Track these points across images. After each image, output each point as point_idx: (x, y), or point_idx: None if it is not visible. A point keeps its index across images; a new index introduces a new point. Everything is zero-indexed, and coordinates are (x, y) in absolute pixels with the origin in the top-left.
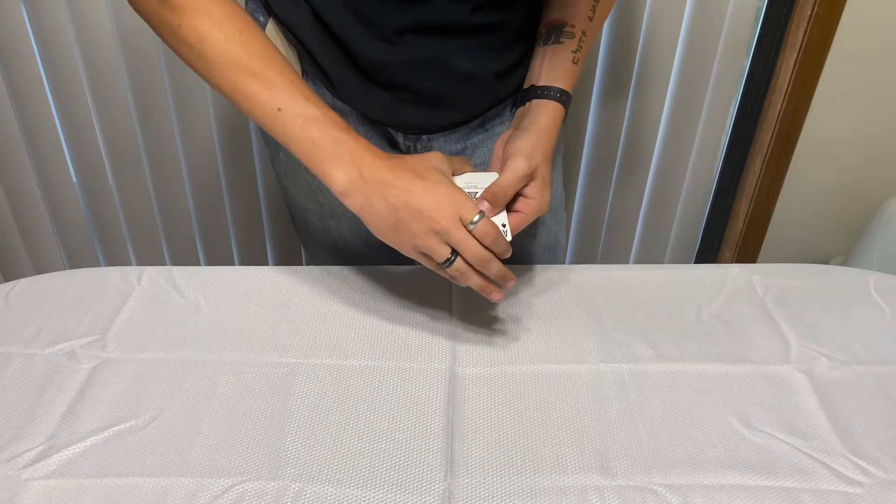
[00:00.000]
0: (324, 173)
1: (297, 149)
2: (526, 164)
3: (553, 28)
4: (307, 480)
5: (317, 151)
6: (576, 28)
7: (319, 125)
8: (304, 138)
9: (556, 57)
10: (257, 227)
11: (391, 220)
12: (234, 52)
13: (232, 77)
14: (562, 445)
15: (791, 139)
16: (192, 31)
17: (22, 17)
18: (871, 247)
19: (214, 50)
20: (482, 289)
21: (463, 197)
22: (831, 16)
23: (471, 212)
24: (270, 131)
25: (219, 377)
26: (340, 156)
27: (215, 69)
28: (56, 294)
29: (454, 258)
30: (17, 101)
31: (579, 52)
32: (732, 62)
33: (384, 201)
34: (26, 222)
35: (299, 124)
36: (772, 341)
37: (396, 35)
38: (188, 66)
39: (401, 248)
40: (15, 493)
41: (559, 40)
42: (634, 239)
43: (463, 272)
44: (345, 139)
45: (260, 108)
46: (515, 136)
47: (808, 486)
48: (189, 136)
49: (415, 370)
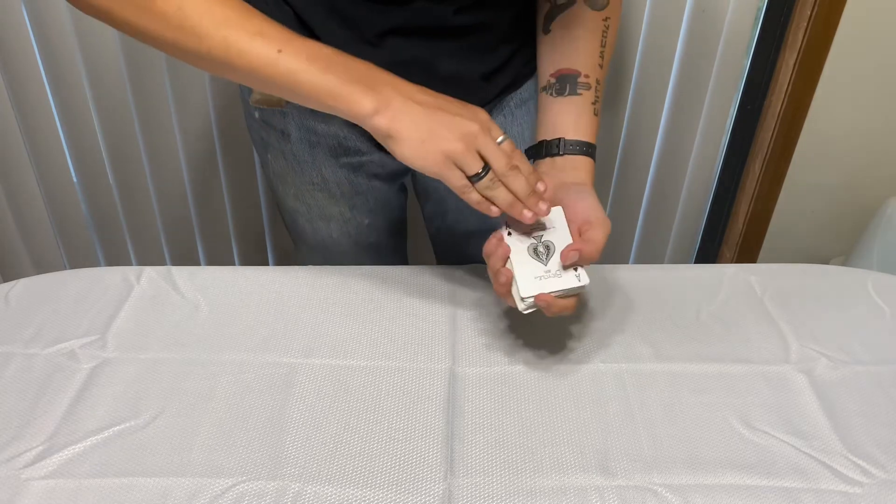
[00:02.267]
0: (345, 100)
1: (308, 84)
2: (610, 224)
3: (565, 78)
4: (307, 480)
5: (331, 80)
6: (590, 78)
7: (325, 55)
8: (313, 70)
9: (579, 110)
10: (257, 227)
11: (423, 126)
12: (218, 10)
13: (221, 34)
14: (562, 445)
15: (791, 139)
16: (168, 2)
17: (22, 17)
18: (871, 247)
19: (197, 13)
20: (511, 206)
21: (489, 116)
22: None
23: (497, 129)
24: (274, 78)
25: (219, 377)
26: (359, 78)
27: (201, 31)
28: (56, 294)
29: (484, 173)
30: (17, 101)
31: (597, 103)
32: (732, 62)
33: (416, 108)
34: (26, 222)
35: (304, 59)
36: (771, 341)
37: (379, 37)
38: (164, 49)
39: (430, 161)
40: (15, 493)
41: (576, 91)
42: (634, 239)
43: (492, 185)
44: (357, 64)
45: (258, 57)
46: (579, 193)
47: (808, 486)
48: (189, 135)
49: (415, 370)
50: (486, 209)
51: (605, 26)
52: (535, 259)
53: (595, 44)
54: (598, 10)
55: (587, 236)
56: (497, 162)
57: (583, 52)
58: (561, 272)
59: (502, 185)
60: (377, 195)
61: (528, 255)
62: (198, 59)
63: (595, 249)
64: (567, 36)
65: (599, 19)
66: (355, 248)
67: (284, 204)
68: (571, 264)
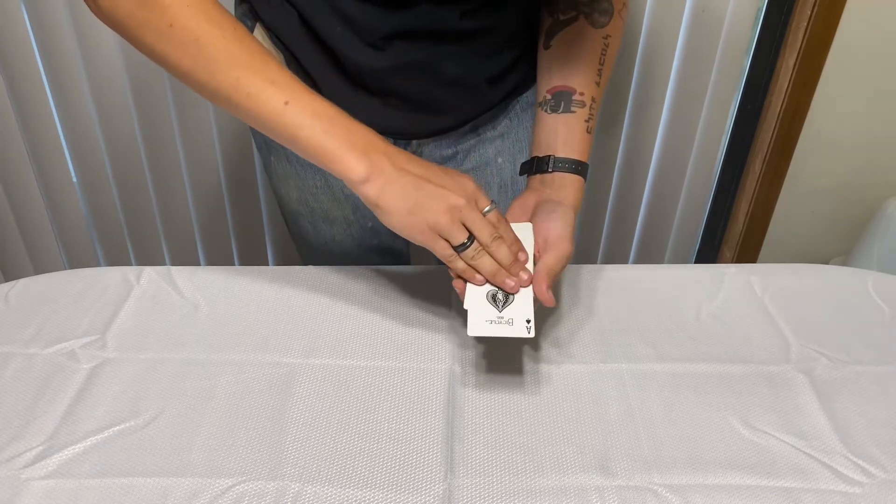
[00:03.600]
0: (340, 162)
1: (308, 141)
2: (571, 247)
3: (561, 95)
4: (307, 480)
5: (330, 141)
6: (585, 96)
7: (329, 116)
8: (315, 129)
9: (571, 127)
10: (257, 227)
11: (411, 198)
12: (234, 49)
13: (234, 74)
14: (562, 445)
15: (791, 139)
16: (186, 31)
17: (22, 17)
18: (871, 247)
19: (213, 49)
20: (495, 275)
21: (476, 185)
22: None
23: (484, 199)
24: (277, 128)
25: (219, 377)
26: (355, 143)
27: (214, 68)
28: (56, 294)
29: (470, 243)
30: (17, 101)
31: (591, 120)
32: (732, 62)
33: (405, 180)
34: (26, 222)
35: (309, 115)
36: (771, 341)
37: (384, 40)
38: (175, 74)
39: (416, 232)
40: (15, 493)
41: (570, 109)
42: (634, 239)
43: (477, 255)
44: (357, 128)
45: (265, 104)
46: (551, 212)
47: (808, 486)
48: (189, 135)
49: (415, 370)
50: (471, 277)
51: (605, 45)
52: (492, 304)
53: (593, 62)
54: (599, 28)
55: (538, 266)
56: (481, 233)
57: (580, 70)
58: (513, 321)
59: (487, 255)
60: None
61: (486, 299)
62: (206, 93)
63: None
64: (566, 53)
65: (599, 38)
66: (358, 250)
67: (287, 206)
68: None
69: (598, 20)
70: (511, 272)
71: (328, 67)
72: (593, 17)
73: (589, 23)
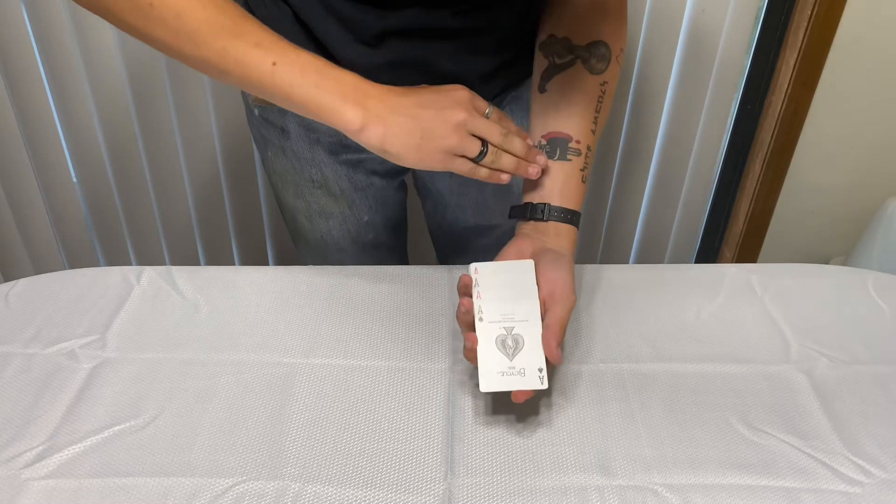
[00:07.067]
0: (335, 114)
1: (300, 98)
2: (575, 299)
3: (556, 142)
4: (307, 480)
5: (323, 95)
6: (581, 144)
7: (317, 69)
8: (306, 85)
9: (567, 176)
10: (257, 227)
11: (415, 132)
12: (215, 18)
13: (219, 43)
14: (562, 445)
15: (791, 139)
16: (166, 8)
17: (22, 17)
18: (871, 247)
19: (195, 20)
20: (518, 167)
21: (469, 92)
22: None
23: (482, 103)
24: (269, 89)
25: (219, 377)
26: (347, 94)
27: (199, 39)
28: (56, 294)
29: (486, 149)
30: (17, 101)
31: (586, 170)
32: (732, 62)
33: (403, 118)
34: (26, 222)
35: (298, 72)
36: (771, 341)
37: (377, 38)
38: (161, 50)
39: (432, 161)
40: (15, 493)
41: (566, 157)
42: (634, 239)
43: (496, 157)
44: (347, 77)
45: (254, 67)
46: (555, 262)
47: (808, 486)
48: (189, 135)
49: (415, 370)
50: (497, 179)
51: (602, 91)
52: (502, 352)
53: (590, 109)
54: (597, 74)
55: (548, 320)
56: (492, 136)
57: (576, 117)
58: (525, 371)
59: (503, 153)
60: (376, 192)
61: (496, 346)
62: (194, 63)
63: (556, 338)
64: (562, 99)
65: (597, 84)
66: (354, 245)
67: (284, 201)
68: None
69: (596, 66)
70: (529, 160)
71: None
72: (591, 63)
73: (586, 68)
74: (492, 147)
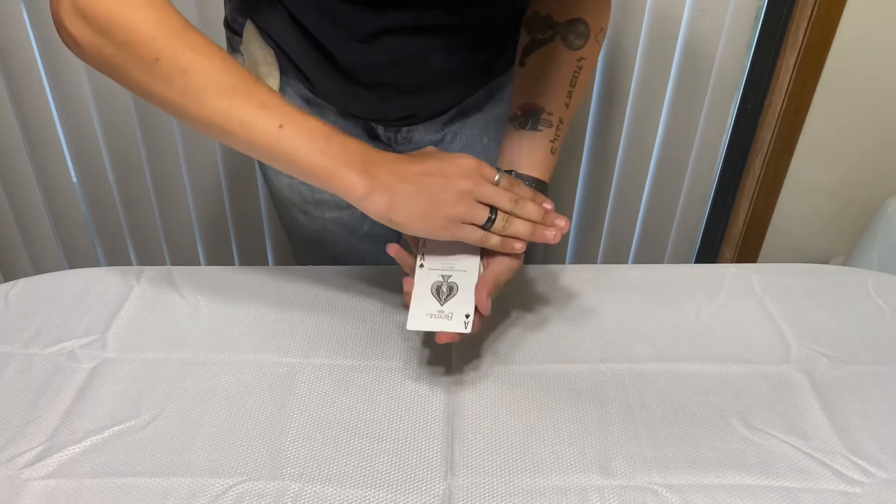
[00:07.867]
0: (340, 181)
1: (305, 163)
2: (520, 262)
3: (529, 113)
4: (307, 480)
5: (329, 161)
6: (553, 116)
7: (324, 134)
8: (312, 150)
9: (535, 145)
10: (257, 227)
11: (422, 200)
12: (223, 77)
13: (225, 103)
14: (562, 445)
15: (791, 139)
16: (173, 64)
17: (22, 17)
18: (871, 247)
19: (202, 78)
20: (533, 233)
21: (475, 160)
22: (831, 16)
23: (489, 170)
24: (273, 152)
25: (219, 377)
26: (353, 161)
27: (205, 98)
28: (56, 294)
29: (495, 216)
30: (17, 101)
31: (556, 141)
32: (732, 62)
33: (409, 185)
34: (26, 222)
35: (304, 137)
36: (771, 341)
37: (372, 37)
38: (165, 109)
39: (440, 230)
40: (15, 493)
41: (537, 127)
42: (634, 239)
43: (507, 224)
44: (353, 144)
45: (259, 128)
46: None
47: (808, 486)
48: (189, 135)
49: (415, 370)
50: (511, 247)
51: (578, 66)
52: (435, 297)
53: (565, 83)
54: (574, 50)
55: (486, 272)
56: (501, 203)
57: (551, 90)
58: (452, 315)
59: (516, 219)
60: None
61: (430, 291)
62: (198, 123)
63: (487, 288)
64: (540, 72)
65: (573, 59)
66: (349, 237)
67: (279, 195)
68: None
69: (574, 42)
70: (547, 223)
71: (319, 62)
72: (569, 39)
73: (564, 44)
74: (501, 214)
